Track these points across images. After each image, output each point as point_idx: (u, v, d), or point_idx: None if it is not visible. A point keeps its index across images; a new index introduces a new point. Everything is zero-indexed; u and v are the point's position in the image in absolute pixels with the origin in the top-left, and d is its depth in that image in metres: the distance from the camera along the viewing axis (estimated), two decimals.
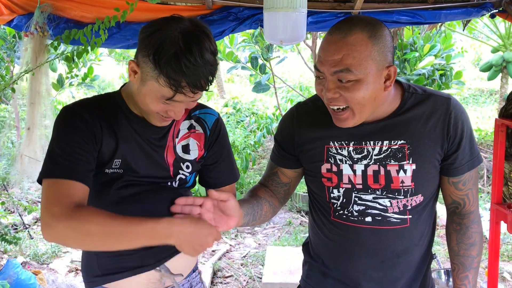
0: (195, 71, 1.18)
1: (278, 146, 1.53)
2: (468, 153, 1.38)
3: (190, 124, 1.46)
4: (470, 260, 1.45)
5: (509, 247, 4.33)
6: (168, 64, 1.17)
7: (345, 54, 1.23)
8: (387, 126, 1.37)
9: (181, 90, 1.20)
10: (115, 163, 1.35)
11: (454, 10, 2.92)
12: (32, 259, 4.10)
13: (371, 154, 1.38)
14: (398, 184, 1.36)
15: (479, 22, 7.31)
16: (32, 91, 2.74)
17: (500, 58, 7.26)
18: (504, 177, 2.40)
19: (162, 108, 1.27)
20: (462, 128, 1.36)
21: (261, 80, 4.96)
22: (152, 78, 1.21)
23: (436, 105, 1.37)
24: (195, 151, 1.46)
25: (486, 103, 11.18)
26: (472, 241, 1.45)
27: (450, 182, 1.42)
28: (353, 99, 1.26)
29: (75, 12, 2.74)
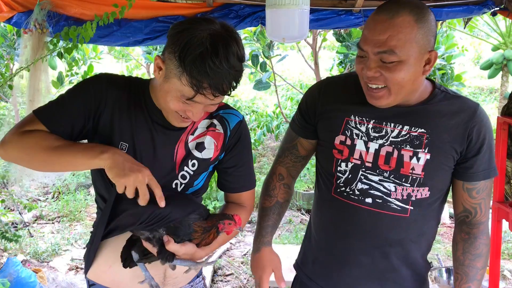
0: (218, 73, 1.17)
1: (300, 114, 1.56)
2: (486, 161, 1.39)
3: (211, 123, 1.43)
4: (474, 272, 1.43)
5: (510, 245, 4.33)
6: (193, 63, 1.16)
7: (390, 35, 1.25)
8: (411, 112, 1.38)
9: (202, 91, 1.19)
10: (121, 146, 1.34)
11: (456, 8, 2.91)
12: (32, 257, 4.09)
13: (389, 136, 1.39)
14: (408, 170, 1.37)
15: (479, 20, 7.29)
16: (31, 88, 2.72)
17: (501, 56, 7.24)
18: (506, 175, 2.39)
19: (181, 108, 1.26)
20: (484, 135, 1.37)
21: (262, 78, 4.95)
22: (175, 76, 1.21)
23: (464, 107, 1.39)
24: (210, 150, 1.43)
25: (486, 101, 11.17)
26: (479, 252, 1.43)
27: (464, 188, 1.41)
28: (392, 79, 1.28)
29: (74, 10, 2.73)
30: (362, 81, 1.36)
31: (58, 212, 5.10)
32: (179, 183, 1.43)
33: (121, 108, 1.34)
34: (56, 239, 4.45)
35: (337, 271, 1.49)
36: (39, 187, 5.63)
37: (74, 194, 5.42)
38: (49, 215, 5.05)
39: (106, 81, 1.35)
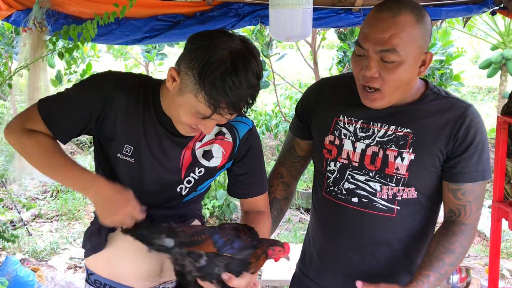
0: (237, 93, 1.15)
1: (296, 116, 1.59)
2: (474, 164, 1.35)
3: (219, 131, 1.41)
4: (440, 264, 1.34)
5: (508, 245, 4.34)
6: (213, 84, 1.13)
7: (393, 33, 1.24)
8: (399, 112, 1.38)
9: (220, 110, 1.17)
10: (126, 149, 1.33)
11: (455, 7, 2.91)
12: (30, 256, 4.08)
13: (375, 136, 1.39)
14: (392, 170, 1.36)
15: (478, 19, 7.30)
16: (30, 87, 2.71)
17: (500, 55, 7.25)
18: (506, 175, 2.39)
19: (193, 122, 1.24)
20: (473, 136, 1.34)
21: None
22: (191, 92, 1.18)
23: (454, 107, 1.37)
24: (218, 158, 1.41)
25: (484, 100, 11.19)
26: (452, 248, 1.36)
27: (449, 188, 1.38)
28: (389, 81, 1.28)
29: (74, 8, 2.72)
30: (357, 82, 1.36)
31: (56, 210, 5.09)
32: (184, 187, 1.42)
33: (129, 111, 1.32)
34: (55, 238, 4.45)
35: (330, 269, 1.51)
36: (37, 185, 5.62)
37: (73, 192, 5.41)
38: (48, 213, 5.04)
39: (114, 82, 1.31)
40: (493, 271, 2.46)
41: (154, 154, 1.35)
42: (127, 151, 1.33)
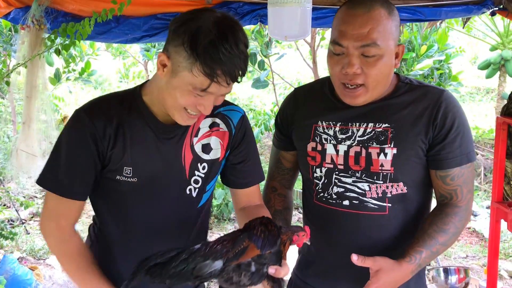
0: (231, 60, 1.16)
1: (277, 129, 1.59)
2: (457, 148, 1.35)
3: (213, 122, 1.41)
4: (432, 242, 1.33)
5: (506, 245, 4.34)
6: (206, 52, 1.14)
7: (371, 28, 1.26)
8: (375, 109, 1.38)
9: (217, 79, 1.17)
10: (126, 171, 1.32)
11: (455, 7, 2.90)
12: (28, 255, 4.08)
13: (355, 135, 1.39)
14: (377, 167, 1.36)
15: (477, 20, 7.30)
16: (28, 85, 2.70)
17: (499, 56, 7.26)
18: (506, 176, 2.39)
19: (192, 102, 1.23)
20: (452, 120, 1.34)
21: (260, 77, 4.94)
22: (185, 68, 1.18)
23: (428, 95, 1.37)
24: (217, 150, 1.41)
25: (482, 101, 11.20)
26: (445, 228, 1.35)
27: (437, 175, 1.38)
28: (372, 75, 1.29)
29: (73, 6, 2.71)
30: (337, 82, 1.35)
31: None
32: (193, 189, 1.40)
33: (116, 134, 1.30)
34: None
35: (331, 274, 1.50)
36: (35, 184, 5.59)
37: None
38: None
39: (87, 118, 1.30)
40: (491, 272, 2.46)
41: (156, 163, 1.34)
42: (127, 172, 1.32)
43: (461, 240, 4.62)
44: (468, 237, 4.68)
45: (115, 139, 1.30)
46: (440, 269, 2.60)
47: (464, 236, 4.70)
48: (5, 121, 6.17)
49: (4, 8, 2.64)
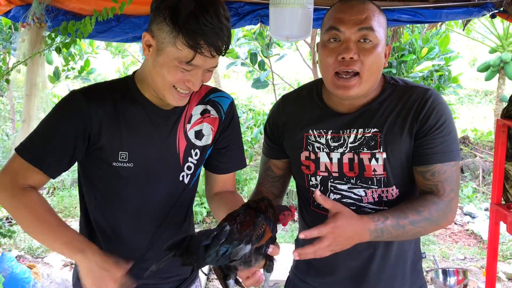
0: (212, 30, 1.18)
1: (266, 137, 1.57)
2: (439, 145, 1.32)
3: (204, 109, 1.44)
4: (402, 215, 1.27)
5: (504, 247, 4.35)
6: (186, 23, 1.17)
7: (368, 15, 1.31)
8: (363, 114, 1.38)
9: (200, 49, 1.19)
10: (122, 156, 1.33)
11: (455, 10, 2.91)
12: (26, 253, 4.07)
13: (347, 142, 1.39)
14: (370, 172, 1.36)
15: (477, 23, 7.31)
16: (28, 83, 2.70)
17: (498, 58, 7.27)
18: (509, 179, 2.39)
19: (180, 78, 1.25)
20: (437, 118, 1.33)
21: (260, 77, 4.94)
22: (169, 43, 1.20)
23: (413, 94, 1.37)
24: (208, 136, 1.44)
25: (481, 103, 11.22)
26: (420, 209, 1.28)
27: (418, 171, 1.35)
28: (367, 63, 1.30)
29: (73, 4, 2.71)
30: (330, 74, 1.33)
31: (53, 207, 5.07)
32: (185, 175, 1.42)
33: (111, 118, 1.31)
34: None
35: (330, 275, 1.49)
36: None
37: (69, 190, 5.39)
38: None
39: (83, 99, 1.31)
40: (490, 274, 2.46)
41: (151, 149, 1.36)
42: (123, 157, 1.33)
43: (459, 242, 4.62)
44: (466, 239, 4.68)
45: (110, 123, 1.31)
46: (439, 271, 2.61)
47: (462, 238, 4.71)
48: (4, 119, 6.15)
49: (4, 5, 2.64)
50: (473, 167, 6.37)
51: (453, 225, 4.99)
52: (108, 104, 1.32)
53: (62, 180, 5.58)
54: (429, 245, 4.48)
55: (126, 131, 1.33)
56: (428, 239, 4.56)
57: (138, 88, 1.36)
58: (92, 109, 1.29)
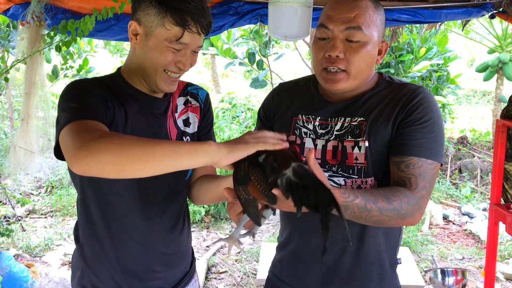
0: (196, 7, 1.26)
1: (259, 121, 1.59)
2: (419, 139, 1.30)
3: (186, 99, 1.50)
4: (371, 198, 1.22)
5: (502, 248, 4.35)
6: (173, 2, 1.24)
7: (357, 13, 1.31)
8: (352, 104, 1.40)
9: (188, 27, 1.25)
10: None
11: (455, 10, 2.91)
12: (24, 252, 4.06)
13: (333, 130, 1.40)
14: (352, 161, 1.36)
15: (475, 23, 7.33)
16: (27, 81, 2.69)
17: (497, 59, 7.29)
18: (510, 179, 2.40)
19: (171, 59, 1.29)
20: (422, 113, 1.31)
21: (259, 76, 4.94)
22: (158, 25, 1.26)
23: (404, 89, 1.38)
24: (195, 124, 1.50)
25: (479, 103, 11.24)
26: (391, 198, 1.25)
27: (393, 161, 1.32)
28: (354, 62, 1.31)
29: (73, 3, 2.70)
30: (319, 68, 1.36)
31: (51, 206, 5.07)
32: None
33: (112, 100, 1.32)
34: (49, 233, 4.42)
35: (303, 271, 1.48)
36: (32, 181, 5.58)
37: (67, 188, 5.38)
38: (42, 209, 5.01)
39: (88, 82, 1.34)
40: (489, 274, 2.46)
41: (148, 135, 1.37)
42: None
43: (457, 242, 4.63)
44: (464, 239, 4.69)
45: (117, 106, 1.32)
46: (437, 271, 2.62)
47: (460, 238, 4.71)
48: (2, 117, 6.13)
49: (3, 4, 2.63)
50: (471, 167, 6.38)
51: (451, 225, 5.00)
52: (108, 91, 1.33)
53: (60, 179, 5.57)
54: (427, 245, 4.48)
55: (129, 114, 1.35)
56: (426, 239, 4.57)
57: (127, 81, 1.39)
58: (96, 88, 1.31)
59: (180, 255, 1.53)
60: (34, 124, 2.81)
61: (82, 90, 1.29)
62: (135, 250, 1.43)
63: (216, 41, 5.12)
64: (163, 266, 1.47)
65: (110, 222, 1.40)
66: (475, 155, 6.92)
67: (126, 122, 1.34)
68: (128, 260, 1.43)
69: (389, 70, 5.16)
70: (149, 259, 1.45)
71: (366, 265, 1.43)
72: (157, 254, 1.46)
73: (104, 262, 1.42)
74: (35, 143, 2.80)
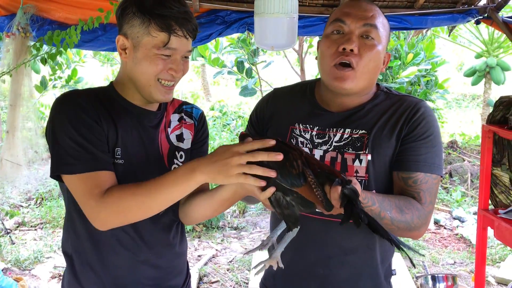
0: (179, 12, 1.26)
1: (251, 127, 1.56)
2: (423, 154, 1.33)
3: (180, 116, 1.49)
4: (387, 207, 1.25)
5: (493, 251, 4.37)
6: (155, 9, 1.24)
7: (374, 14, 1.35)
8: (352, 115, 1.39)
9: (174, 31, 1.25)
10: (117, 153, 1.33)
11: (440, 16, 2.94)
12: (13, 265, 4.01)
13: (332, 141, 1.38)
14: (352, 173, 1.34)
15: (462, 28, 7.41)
16: (13, 93, 2.68)
17: (484, 63, 7.36)
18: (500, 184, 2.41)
19: (162, 67, 1.28)
20: (425, 127, 1.34)
21: (248, 85, 4.95)
22: (144, 34, 1.26)
23: (405, 103, 1.38)
24: (188, 140, 1.48)
25: (468, 107, 11.34)
26: (405, 210, 1.27)
27: (399, 176, 1.34)
28: (365, 58, 1.32)
29: (59, 14, 2.69)
30: (329, 64, 1.34)
31: (41, 218, 5.01)
32: None
33: (104, 116, 1.32)
34: (39, 246, 4.37)
35: (296, 285, 1.45)
36: (21, 193, 5.53)
37: (57, 200, 5.33)
38: (32, 221, 4.96)
39: (76, 95, 1.32)
40: (479, 278, 2.47)
41: (139, 149, 1.37)
42: (118, 154, 1.33)
43: (449, 246, 4.64)
44: (455, 244, 4.70)
45: (105, 118, 1.32)
46: (428, 277, 2.61)
47: (451, 243, 4.73)
48: None
49: None
50: (462, 171, 6.42)
51: (442, 230, 5.02)
52: (99, 104, 1.33)
53: (50, 191, 5.52)
54: (419, 250, 4.49)
55: (119, 128, 1.34)
56: (417, 244, 4.57)
57: (120, 94, 1.38)
58: (89, 106, 1.30)
59: (172, 270, 1.49)
60: (21, 135, 2.79)
61: (72, 119, 1.27)
62: (123, 262, 1.40)
63: (204, 50, 5.12)
64: (152, 280, 1.45)
65: (96, 234, 1.38)
66: (465, 159, 6.96)
67: (117, 137, 1.33)
68: (116, 272, 1.40)
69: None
70: (138, 272, 1.43)
71: (362, 277, 1.42)
72: (146, 266, 1.43)
73: (92, 275, 1.40)
74: (22, 155, 2.77)
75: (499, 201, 2.47)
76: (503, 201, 2.46)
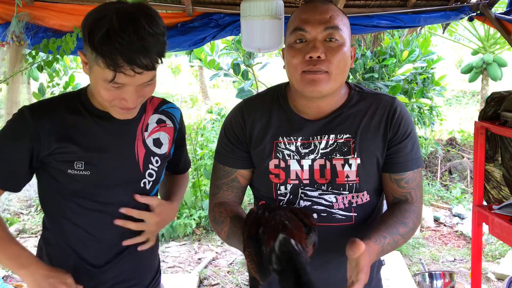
0: (129, 47, 1.14)
1: (232, 146, 1.45)
2: (409, 153, 1.37)
3: (159, 118, 1.47)
4: (394, 231, 1.30)
5: (493, 247, 4.37)
6: (101, 43, 1.14)
7: (332, 15, 1.32)
8: (333, 120, 1.38)
9: (120, 69, 1.16)
10: (77, 165, 1.32)
11: (433, 14, 2.95)
12: (14, 273, 4.02)
13: (318, 149, 1.38)
14: (343, 178, 1.35)
15: (459, 25, 7.42)
16: (9, 101, 2.69)
17: (480, 60, 7.37)
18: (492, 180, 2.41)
19: (112, 96, 1.23)
20: (405, 126, 1.37)
21: (244, 86, 4.95)
22: (94, 63, 1.19)
23: (381, 102, 1.39)
24: (165, 145, 1.48)
25: (468, 104, 11.33)
26: (406, 221, 1.33)
27: (392, 179, 1.38)
28: (335, 62, 1.29)
29: (53, 21, 2.71)
30: (298, 74, 1.31)
31: (41, 225, 5.02)
32: (147, 182, 1.43)
33: (63, 130, 1.31)
34: None
35: None
36: (21, 200, 5.54)
37: None
38: (32, 228, 4.97)
39: (30, 117, 1.30)
40: (475, 275, 2.48)
41: (108, 157, 1.36)
42: (78, 167, 1.32)
43: (449, 243, 4.64)
44: (455, 240, 4.70)
45: (61, 136, 1.31)
46: (425, 274, 2.62)
47: (451, 240, 4.73)
48: None
49: None
50: (461, 168, 6.42)
51: (442, 227, 5.02)
52: (59, 117, 1.32)
53: None
54: (419, 248, 4.49)
55: (80, 142, 1.33)
56: (417, 242, 4.58)
57: (90, 100, 1.37)
58: (40, 127, 1.29)
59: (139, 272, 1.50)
60: None
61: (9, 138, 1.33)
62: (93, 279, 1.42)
63: (200, 53, 5.13)
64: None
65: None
66: (464, 156, 6.96)
67: (84, 142, 1.33)
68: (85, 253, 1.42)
69: (373, 75, 5.19)
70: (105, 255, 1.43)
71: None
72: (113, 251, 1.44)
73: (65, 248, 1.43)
74: None
75: (491, 197, 2.48)
76: (495, 196, 2.47)
